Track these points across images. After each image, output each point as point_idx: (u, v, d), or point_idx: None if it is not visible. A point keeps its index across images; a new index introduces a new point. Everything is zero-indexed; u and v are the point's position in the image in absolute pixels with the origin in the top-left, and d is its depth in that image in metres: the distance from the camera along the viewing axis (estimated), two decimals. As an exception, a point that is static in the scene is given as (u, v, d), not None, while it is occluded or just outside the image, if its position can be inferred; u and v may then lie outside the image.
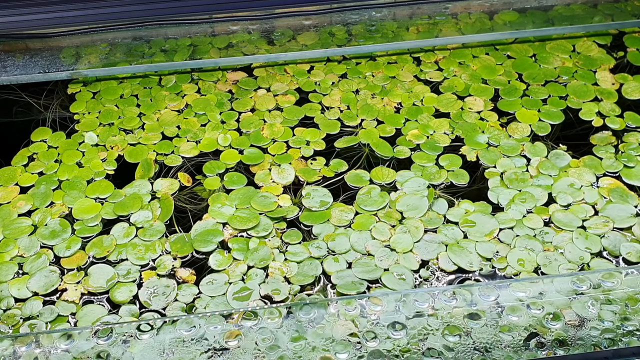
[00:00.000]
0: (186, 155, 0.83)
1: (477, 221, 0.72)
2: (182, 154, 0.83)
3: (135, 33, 0.98)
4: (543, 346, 0.58)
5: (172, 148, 0.84)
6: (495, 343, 0.58)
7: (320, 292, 0.67)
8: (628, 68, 0.92)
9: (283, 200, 0.76)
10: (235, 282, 0.68)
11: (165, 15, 0.96)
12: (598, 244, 0.70)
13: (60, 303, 0.67)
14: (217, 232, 0.73)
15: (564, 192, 0.75)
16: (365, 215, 0.74)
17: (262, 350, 0.59)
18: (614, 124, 0.83)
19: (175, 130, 0.87)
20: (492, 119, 0.86)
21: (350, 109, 0.89)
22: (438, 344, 0.58)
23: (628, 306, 0.61)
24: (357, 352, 0.58)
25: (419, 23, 1.00)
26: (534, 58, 0.95)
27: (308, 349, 0.59)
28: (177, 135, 0.86)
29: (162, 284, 0.68)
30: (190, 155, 0.83)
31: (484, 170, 0.79)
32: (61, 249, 0.72)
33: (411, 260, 0.69)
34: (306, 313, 0.61)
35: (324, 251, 0.71)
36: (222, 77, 0.95)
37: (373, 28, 0.99)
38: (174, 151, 0.84)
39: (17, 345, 0.59)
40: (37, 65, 0.95)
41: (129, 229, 0.74)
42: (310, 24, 1.00)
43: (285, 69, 0.96)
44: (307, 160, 0.82)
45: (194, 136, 0.85)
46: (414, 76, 0.93)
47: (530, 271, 0.67)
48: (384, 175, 0.79)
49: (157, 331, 0.60)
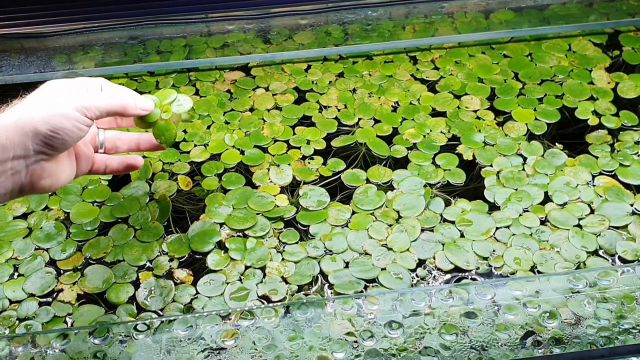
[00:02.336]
0: (197, 160, 0.82)
1: (474, 220, 0.72)
2: (192, 159, 0.82)
3: (131, 32, 0.98)
4: (539, 344, 0.58)
5: (178, 156, 0.83)
6: (491, 341, 0.59)
7: (317, 292, 0.67)
8: (624, 67, 0.92)
9: (280, 200, 0.76)
10: (233, 282, 0.68)
11: (160, 15, 0.96)
12: (594, 242, 0.70)
13: (56, 304, 0.67)
14: (215, 232, 0.73)
15: (560, 190, 0.75)
16: (362, 215, 0.74)
17: (259, 350, 0.59)
18: (609, 123, 0.84)
19: (180, 134, 0.85)
20: (488, 117, 0.86)
21: (348, 107, 0.89)
22: (435, 343, 0.59)
23: (624, 304, 0.61)
24: (354, 351, 0.58)
25: (415, 22, 1.01)
26: (530, 57, 0.95)
27: (305, 348, 0.59)
28: (184, 139, 0.85)
29: (159, 285, 0.68)
30: (202, 159, 0.82)
31: (480, 169, 0.79)
32: (56, 252, 0.72)
33: (408, 259, 0.69)
34: (303, 312, 0.61)
35: (322, 251, 0.71)
36: (219, 76, 0.95)
37: (369, 27, 0.99)
38: (180, 159, 0.82)
39: (14, 346, 0.59)
40: (33, 65, 0.95)
41: (126, 231, 0.74)
42: (307, 23, 1.00)
43: (282, 67, 0.96)
44: (305, 159, 0.82)
45: (201, 139, 0.84)
46: (411, 75, 0.93)
47: (526, 270, 0.68)
48: (381, 175, 0.79)
49: (154, 331, 0.60)
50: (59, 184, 0.54)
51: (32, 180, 0.51)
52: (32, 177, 0.51)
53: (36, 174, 0.51)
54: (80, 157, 0.58)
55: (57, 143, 0.50)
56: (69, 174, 0.56)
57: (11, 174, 0.48)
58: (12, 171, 0.48)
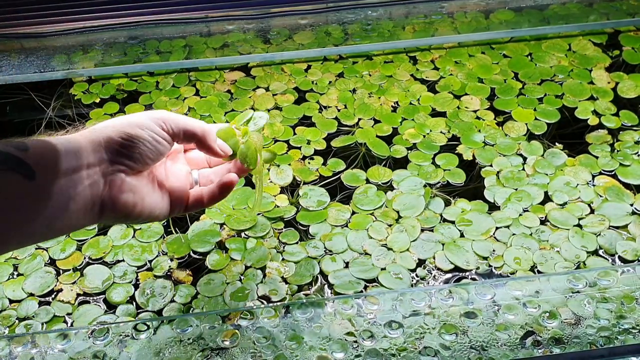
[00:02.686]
0: None
1: (474, 220, 0.72)
2: None
3: (131, 32, 0.98)
4: (539, 344, 0.58)
5: None
6: (491, 341, 0.59)
7: (317, 292, 0.67)
8: (623, 67, 0.92)
9: (280, 200, 0.76)
10: (233, 282, 0.68)
11: (160, 15, 0.96)
12: (594, 242, 0.70)
13: (56, 303, 0.67)
14: (215, 232, 0.73)
15: (560, 190, 0.75)
16: (362, 215, 0.74)
17: (259, 350, 0.59)
18: (609, 123, 0.84)
19: None
20: (488, 117, 0.86)
21: (348, 108, 0.89)
22: (435, 343, 0.59)
23: (624, 304, 0.61)
24: (354, 351, 0.58)
25: (415, 22, 1.01)
26: (530, 57, 0.95)
27: (305, 348, 0.59)
28: None
29: (158, 285, 0.68)
30: None
31: (480, 169, 0.79)
32: (56, 252, 0.72)
33: (408, 259, 0.69)
34: (303, 312, 0.61)
35: (321, 251, 0.71)
36: (219, 77, 0.95)
37: (369, 27, 0.99)
38: None
39: (13, 346, 0.59)
40: (33, 65, 0.95)
41: (126, 230, 0.74)
42: (307, 23, 1.00)
43: (282, 68, 0.96)
44: (305, 159, 0.82)
45: None
46: (411, 75, 0.93)
47: (526, 270, 0.68)
48: (381, 175, 0.79)
49: (154, 331, 0.60)
50: (144, 207, 0.49)
51: (112, 194, 0.46)
52: (111, 189, 0.46)
53: (116, 186, 0.47)
54: (173, 194, 0.54)
55: (134, 153, 0.47)
56: (157, 202, 0.51)
57: (88, 183, 0.45)
58: (89, 180, 0.45)
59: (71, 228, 0.45)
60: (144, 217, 0.50)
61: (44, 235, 0.43)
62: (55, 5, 0.94)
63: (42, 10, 0.94)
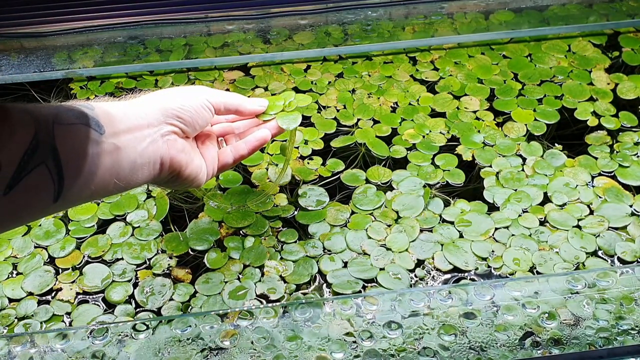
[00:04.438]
0: None
1: (473, 220, 0.72)
2: None
3: (131, 32, 0.98)
4: (538, 345, 0.58)
5: None
6: (490, 342, 0.59)
7: (315, 291, 0.67)
8: (623, 68, 0.92)
9: (279, 199, 0.76)
10: (231, 280, 0.68)
11: (160, 14, 0.96)
12: (593, 243, 0.70)
13: (55, 302, 0.67)
14: (213, 230, 0.73)
15: (560, 191, 0.75)
16: (361, 215, 0.74)
17: (258, 350, 0.59)
18: (609, 124, 0.84)
19: None
20: (487, 118, 0.86)
21: (347, 108, 0.89)
22: (434, 343, 0.59)
23: (623, 305, 0.61)
24: (353, 352, 0.58)
25: (414, 22, 1.01)
26: (530, 58, 0.95)
27: (304, 349, 0.59)
28: None
29: (157, 283, 0.68)
30: None
31: (479, 169, 0.79)
32: (55, 250, 0.72)
33: (407, 260, 0.69)
34: (302, 312, 0.61)
35: (320, 250, 0.71)
36: (218, 76, 0.95)
37: (369, 27, 0.99)
38: None
39: (12, 345, 0.59)
40: (33, 65, 0.95)
41: (124, 229, 0.74)
42: (306, 24, 1.00)
43: (282, 67, 0.96)
44: (304, 159, 0.82)
45: None
46: (410, 76, 0.93)
47: (525, 270, 0.68)
48: (380, 175, 0.79)
49: (153, 331, 0.60)
50: (193, 168, 0.56)
51: (170, 152, 0.52)
52: (169, 148, 0.52)
53: (172, 145, 0.53)
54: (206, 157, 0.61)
55: (187, 119, 0.54)
56: (202, 166, 0.58)
57: (150, 141, 0.50)
58: (150, 138, 0.50)
59: (137, 182, 0.50)
60: (190, 179, 0.56)
61: (117, 187, 0.48)
62: (55, 5, 0.94)
63: (42, 10, 0.94)
